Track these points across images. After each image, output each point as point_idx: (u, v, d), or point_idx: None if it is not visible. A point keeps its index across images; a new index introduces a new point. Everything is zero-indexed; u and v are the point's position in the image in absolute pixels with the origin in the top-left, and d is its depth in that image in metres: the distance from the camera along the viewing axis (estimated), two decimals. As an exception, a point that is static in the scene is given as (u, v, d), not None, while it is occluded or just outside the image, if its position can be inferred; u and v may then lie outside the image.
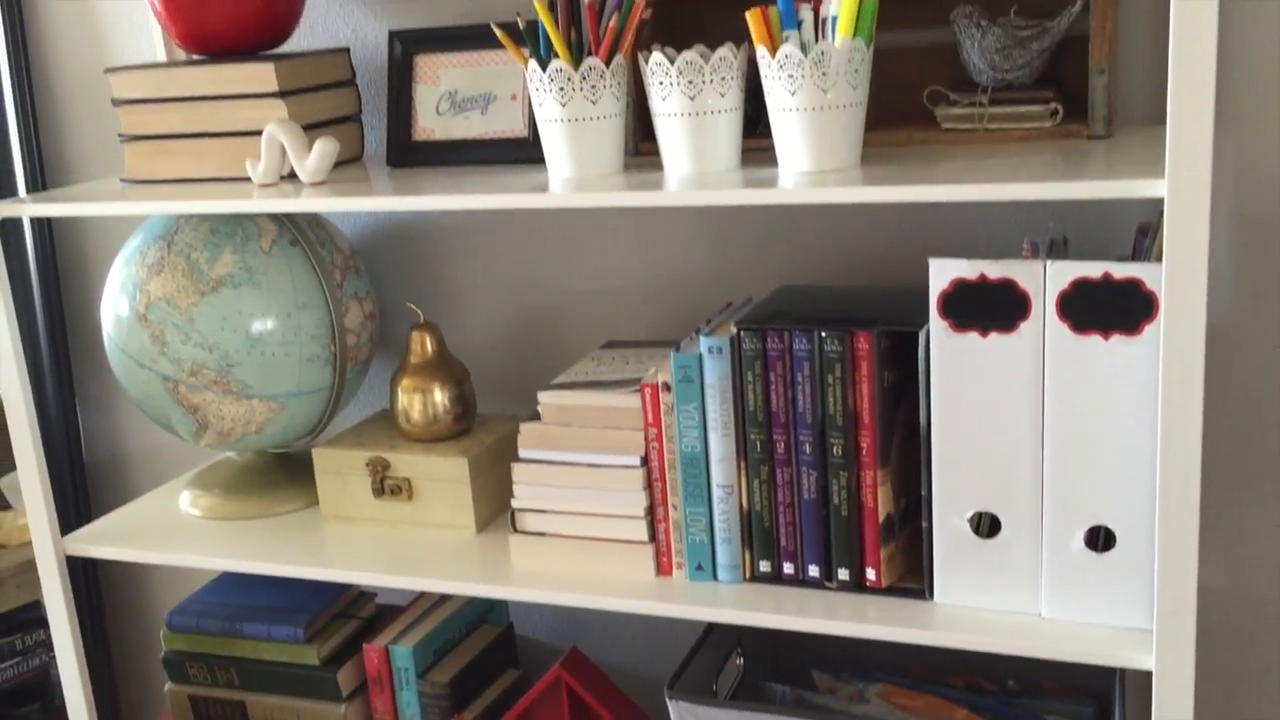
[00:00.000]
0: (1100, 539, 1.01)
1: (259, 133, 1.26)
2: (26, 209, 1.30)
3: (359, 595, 1.49)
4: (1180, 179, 0.87)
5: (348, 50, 1.40)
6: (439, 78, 1.32)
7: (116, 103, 1.34)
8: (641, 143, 1.24)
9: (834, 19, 1.04)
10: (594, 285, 1.43)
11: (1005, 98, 1.14)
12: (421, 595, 1.48)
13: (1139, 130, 1.14)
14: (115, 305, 1.35)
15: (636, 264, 1.40)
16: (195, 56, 1.36)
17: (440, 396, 1.35)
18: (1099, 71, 1.09)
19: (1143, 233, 1.11)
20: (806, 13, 1.05)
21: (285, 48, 1.40)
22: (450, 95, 1.31)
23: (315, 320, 1.34)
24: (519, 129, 1.28)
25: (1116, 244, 1.18)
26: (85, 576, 1.72)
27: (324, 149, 1.22)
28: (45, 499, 1.34)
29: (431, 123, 1.32)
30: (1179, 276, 0.89)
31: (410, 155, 1.32)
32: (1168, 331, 0.90)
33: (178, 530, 1.40)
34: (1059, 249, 1.11)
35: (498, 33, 1.16)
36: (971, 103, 1.15)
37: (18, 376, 1.31)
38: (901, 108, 1.22)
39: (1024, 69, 1.14)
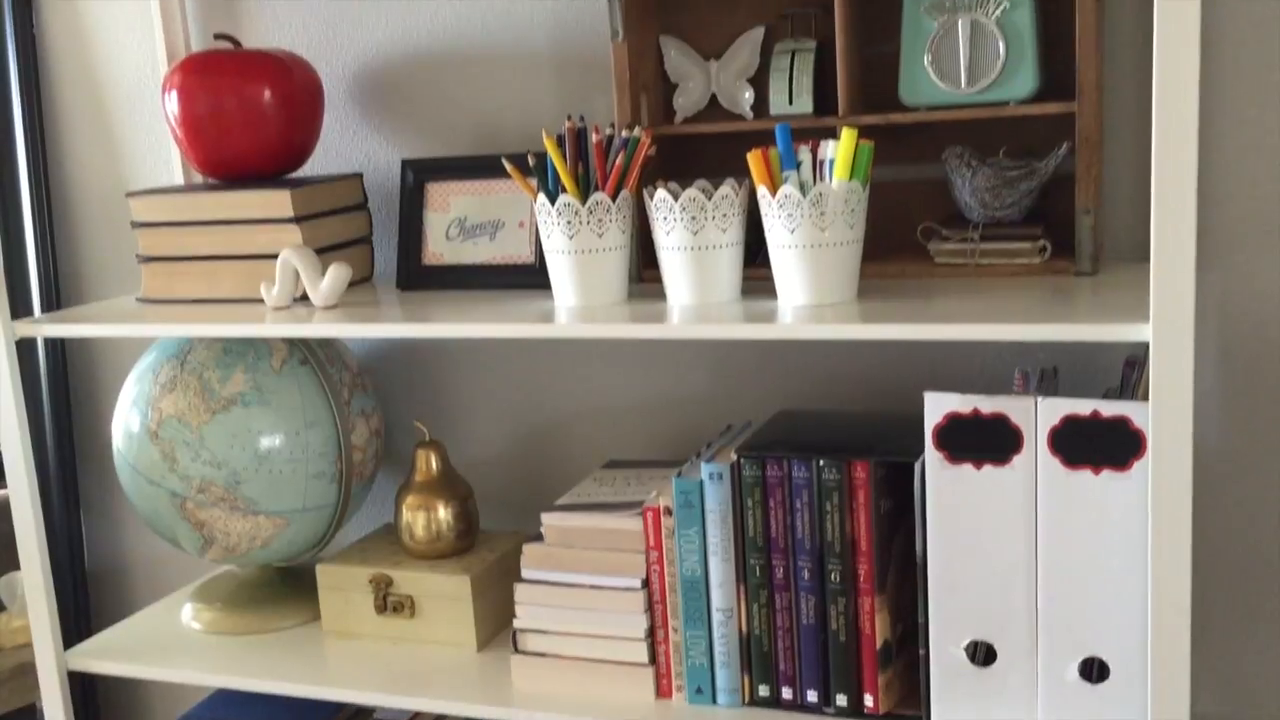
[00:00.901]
0: (1094, 670, 1.03)
1: (274, 256, 1.30)
2: (43, 329, 1.33)
3: (357, 711, 1.49)
4: (1164, 324, 0.91)
5: (361, 176, 1.45)
6: (449, 204, 1.36)
7: (136, 225, 1.38)
8: (645, 269, 1.28)
9: (831, 161, 1.09)
10: (597, 404, 1.46)
11: (996, 234, 1.19)
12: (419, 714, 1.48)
13: (1126, 266, 1.18)
14: (127, 420, 1.38)
15: (638, 385, 1.44)
16: (213, 181, 1.41)
17: (444, 514, 1.37)
18: (1085, 212, 1.13)
19: (1130, 366, 1.15)
20: (805, 154, 1.10)
21: (302, 171, 1.45)
22: (460, 222, 1.36)
23: (323, 438, 1.36)
24: (526, 255, 1.32)
25: (1106, 375, 1.21)
26: (84, 687, 1.72)
27: (337, 275, 1.26)
28: (50, 612, 1.35)
29: (441, 248, 1.36)
30: (1165, 416, 0.92)
31: (420, 279, 1.36)
32: (1156, 469, 0.93)
33: (179, 645, 1.41)
34: (1049, 380, 1.14)
35: (508, 166, 1.20)
36: (963, 239, 1.19)
37: (27, 488, 1.33)
38: (897, 238, 1.26)
39: (1013, 207, 1.18)
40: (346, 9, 1.47)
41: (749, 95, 1.30)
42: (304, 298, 1.30)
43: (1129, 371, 1.15)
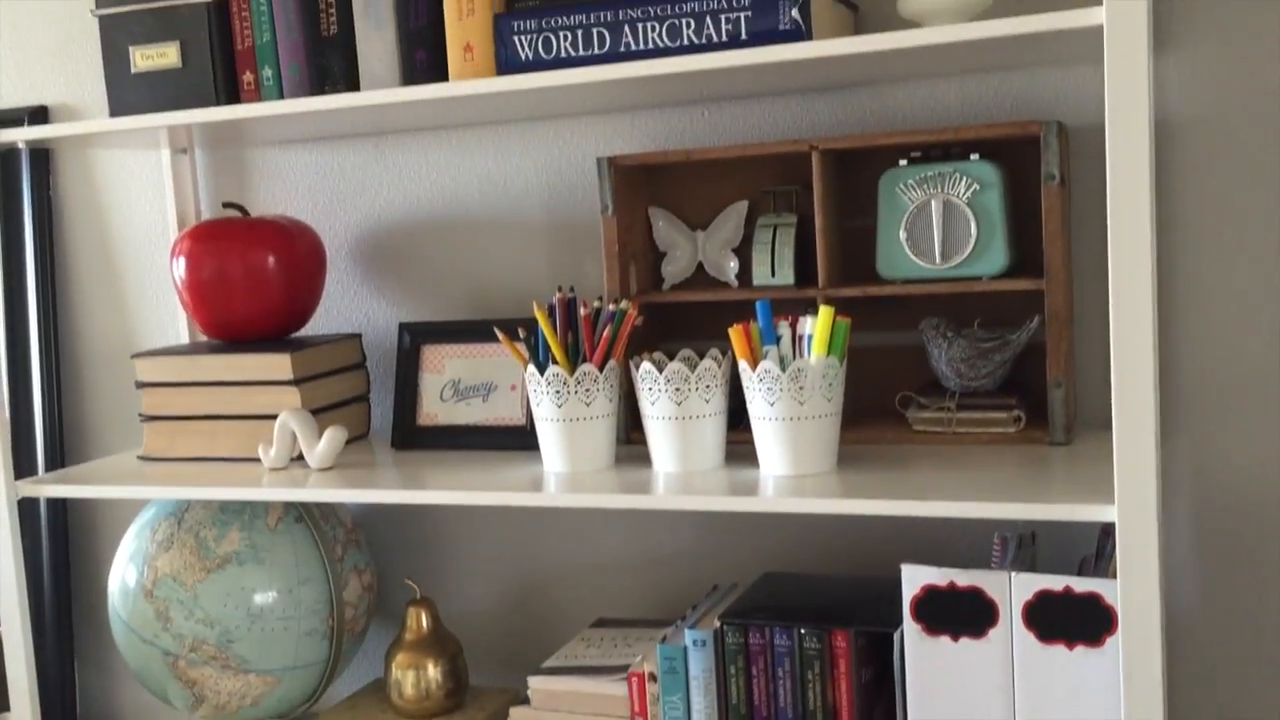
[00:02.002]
0: (1075, 845, 1.03)
1: (273, 417, 1.34)
2: (45, 489, 1.36)
3: None
4: (1129, 507, 0.94)
5: (359, 336, 1.49)
6: (444, 366, 1.41)
7: (140, 385, 1.42)
8: (632, 431, 1.31)
9: (810, 337, 1.13)
10: (585, 562, 1.48)
11: (971, 403, 1.23)
12: None
13: (1099, 434, 1.21)
14: (123, 575, 1.40)
15: (626, 544, 1.46)
16: (216, 342, 1.45)
17: (433, 672, 1.38)
18: (1056, 385, 1.17)
19: (1106, 534, 1.17)
20: (784, 328, 1.15)
21: (304, 329, 1.50)
22: (454, 384, 1.40)
23: (315, 595, 1.38)
24: (517, 417, 1.36)
25: (1084, 538, 1.24)
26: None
27: (333, 438, 1.30)
28: (38, 772, 1.36)
29: (435, 408, 1.40)
30: (1134, 596, 0.94)
31: (414, 438, 1.40)
32: (1126, 648, 0.95)
33: (166, 803, 1.41)
34: (1027, 546, 1.16)
35: (499, 335, 1.25)
36: (940, 407, 1.23)
37: (21, 639, 1.35)
38: (877, 402, 1.30)
39: (988, 377, 1.22)
40: (350, 177, 1.54)
41: (734, 264, 1.35)
42: (301, 457, 1.33)
43: (1104, 539, 1.17)
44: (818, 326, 1.12)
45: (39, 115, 1.67)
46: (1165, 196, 1.22)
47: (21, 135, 1.35)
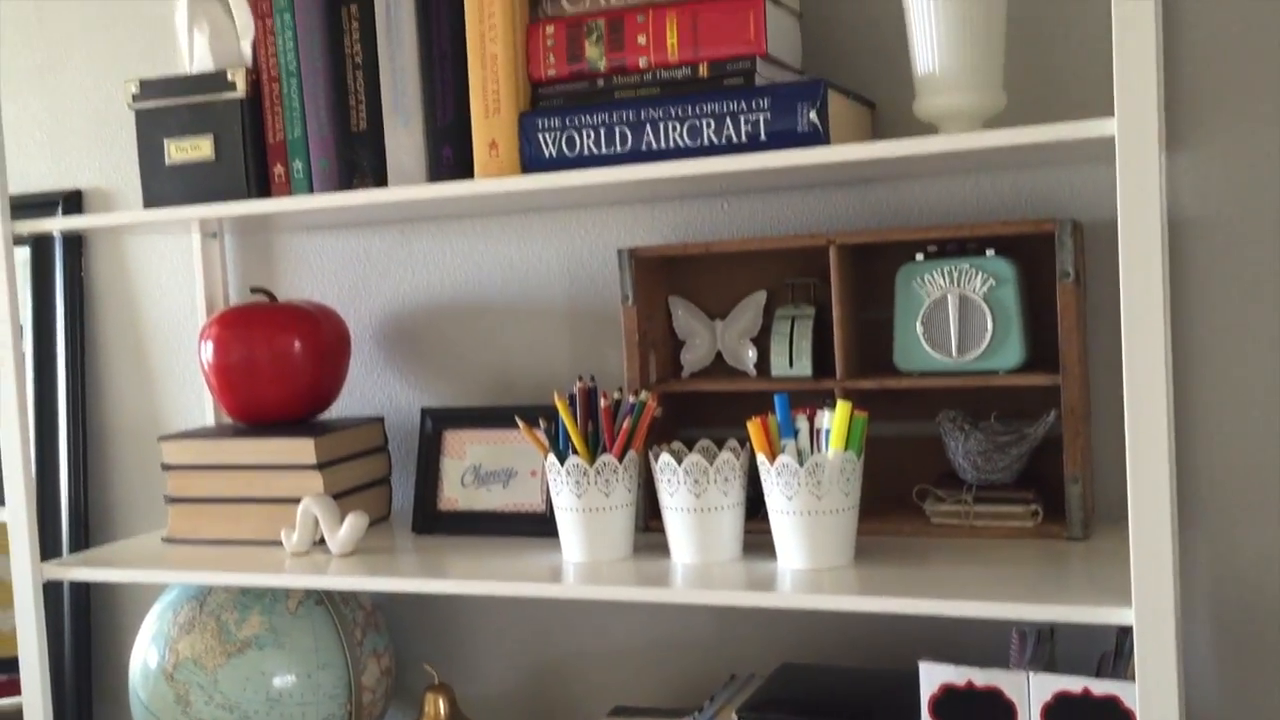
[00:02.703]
0: None
1: (296, 500, 1.36)
2: (70, 572, 1.38)
3: None
4: (1146, 610, 0.94)
5: (382, 420, 1.51)
6: (465, 451, 1.42)
7: (166, 467, 1.44)
8: (650, 519, 1.32)
9: (828, 431, 1.14)
10: (603, 649, 1.48)
11: (989, 496, 1.23)
12: None
13: (1117, 528, 1.21)
14: (145, 657, 1.41)
15: (644, 631, 1.46)
16: (241, 425, 1.48)
17: (450, 759, 1.38)
18: (1073, 480, 1.18)
19: (1125, 631, 1.17)
20: (802, 422, 1.16)
21: (327, 412, 1.52)
22: (475, 469, 1.41)
23: (334, 679, 1.39)
24: (537, 504, 1.37)
25: (1102, 635, 1.23)
26: None
27: (355, 524, 1.31)
28: None
29: (456, 493, 1.41)
30: (1153, 700, 0.94)
31: (435, 523, 1.41)
32: (1146, 752, 0.95)
33: None
34: (1046, 641, 1.16)
35: (520, 425, 1.26)
36: (958, 500, 1.23)
37: (42, 718, 1.36)
38: (895, 493, 1.30)
39: (1005, 470, 1.23)
40: (376, 262, 1.57)
41: (752, 354, 1.37)
42: (323, 541, 1.35)
43: (1123, 635, 1.17)
44: (835, 421, 1.13)
45: (73, 199, 1.71)
46: (1180, 292, 1.23)
47: (57, 225, 1.39)
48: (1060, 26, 1.25)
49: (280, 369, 1.43)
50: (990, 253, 1.22)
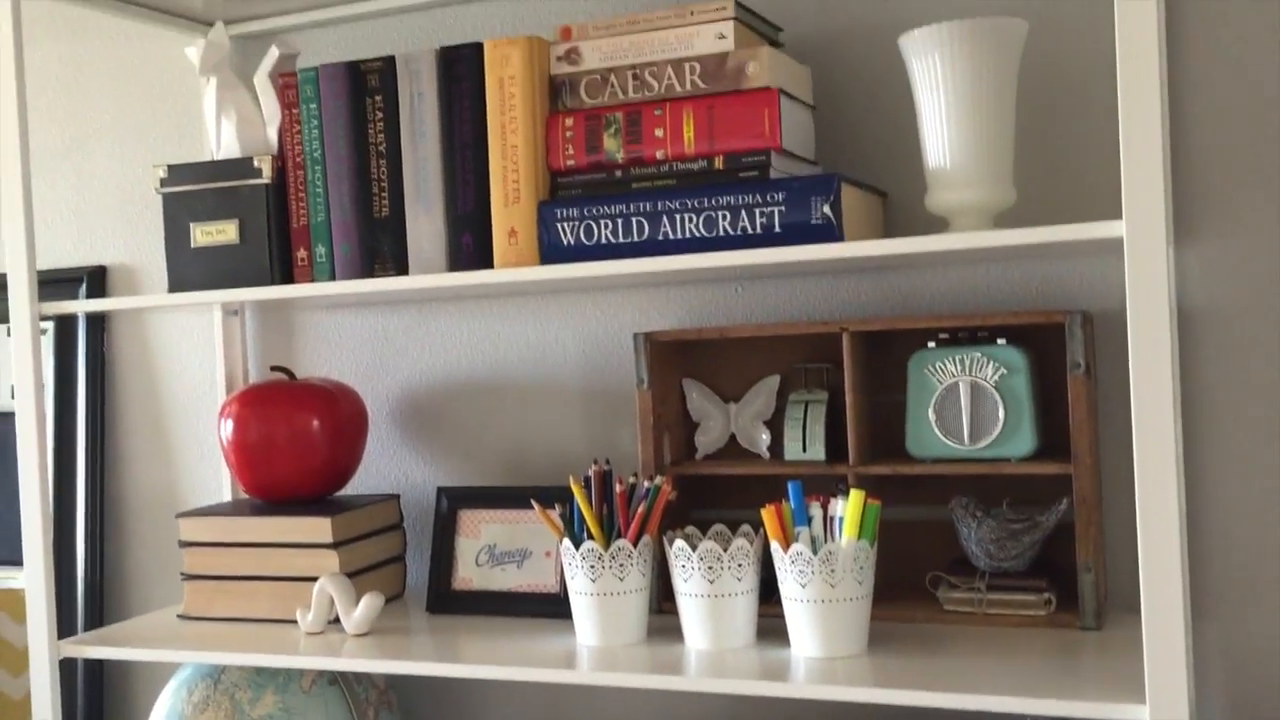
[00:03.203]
0: None
1: (312, 579, 1.37)
2: (87, 650, 1.38)
3: None
4: (1160, 708, 0.94)
5: (398, 497, 1.52)
6: (480, 531, 1.43)
7: (184, 544, 1.46)
8: (664, 601, 1.32)
9: (841, 519, 1.15)
10: (616, 729, 1.48)
11: (1002, 584, 1.23)
12: None
13: (1131, 617, 1.21)
14: (157, 735, 1.41)
15: (656, 715, 1.46)
16: (258, 503, 1.49)
17: (461, 841, 1.37)
18: (1086, 569, 1.18)
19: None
20: (816, 509, 1.17)
21: (344, 489, 1.53)
22: (489, 549, 1.42)
23: (346, 759, 1.39)
24: (551, 585, 1.38)
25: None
26: None
27: (370, 605, 1.32)
28: None
29: (471, 573, 1.42)
30: (1168, 798, 0.94)
31: (449, 603, 1.41)
32: None
33: None
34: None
35: (536, 508, 1.28)
36: (970, 588, 1.24)
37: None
38: (908, 578, 1.31)
39: (1018, 558, 1.23)
40: (394, 340, 1.59)
41: (765, 436, 1.38)
42: (337, 620, 1.35)
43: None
44: (849, 510, 1.14)
45: (97, 275, 1.74)
46: (1190, 382, 1.25)
47: (82, 307, 1.41)
48: (1069, 123, 1.28)
49: (298, 447, 1.44)
50: (1001, 341, 1.24)
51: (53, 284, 1.73)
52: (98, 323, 1.73)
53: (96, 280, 1.74)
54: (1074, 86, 1.27)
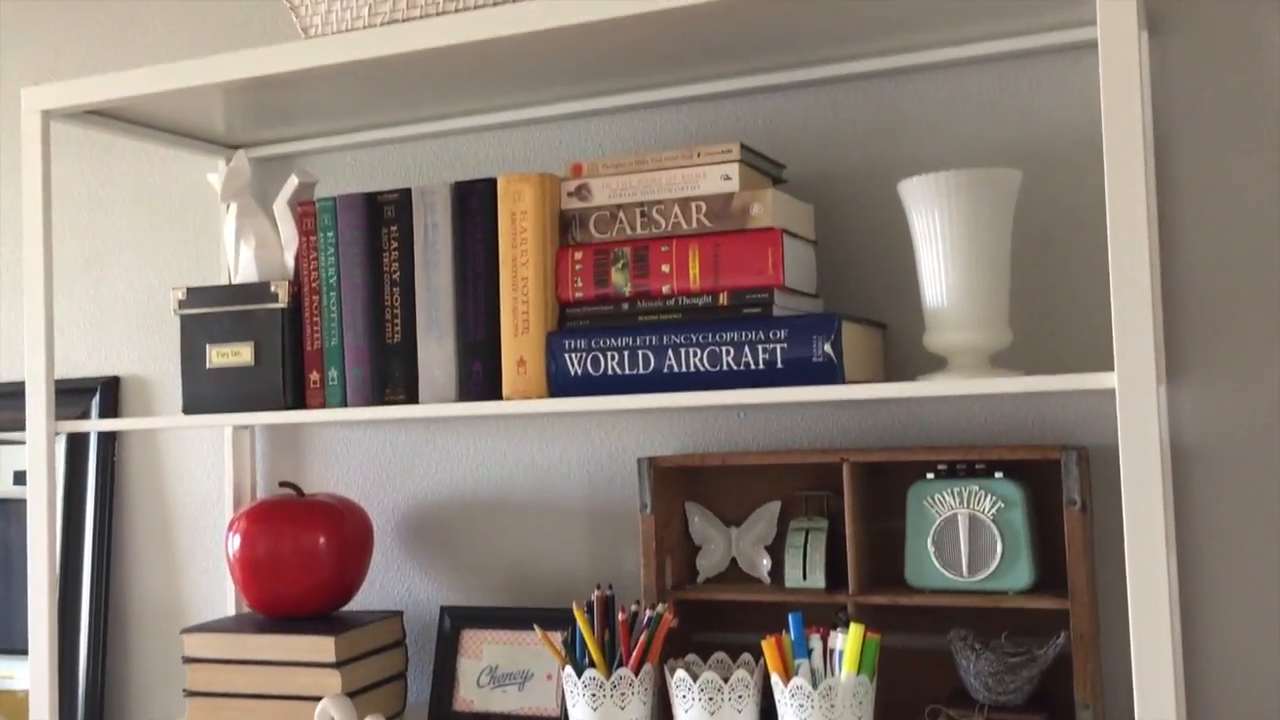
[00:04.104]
0: None
1: (314, 698, 1.37)
2: (89, 767, 1.39)
3: None
4: None
5: (401, 614, 1.54)
6: (482, 652, 1.44)
7: (187, 660, 1.46)
8: (665, 726, 1.33)
9: (840, 652, 1.16)
10: None
11: (1001, 718, 1.24)
12: None
13: (1128, 753, 1.22)
14: None
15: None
16: (262, 619, 1.50)
17: None
18: (1084, 706, 1.19)
19: None
20: (816, 641, 1.18)
21: (348, 604, 1.54)
22: (491, 670, 1.43)
23: None
24: (552, 708, 1.38)
25: None
26: None
27: (371, 728, 1.33)
28: None
29: (472, 694, 1.43)
30: None
31: (449, 724, 1.42)
32: None
33: None
34: None
35: (539, 634, 1.29)
36: (969, 722, 1.25)
37: None
38: (905, 706, 1.31)
39: (1016, 692, 1.24)
40: (401, 456, 1.62)
41: (766, 561, 1.40)
42: (338, 741, 1.36)
43: None
44: (849, 644, 1.15)
45: (111, 386, 1.77)
46: (1185, 518, 1.27)
47: (95, 426, 1.45)
48: (1063, 264, 1.32)
49: (304, 565, 1.46)
50: (999, 475, 1.26)
51: (67, 393, 1.76)
52: (109, 431, 1.76)
53: (110, 391, 1.77)
54: (1067, 230, 1.31)
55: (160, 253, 1.77)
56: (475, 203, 1.31)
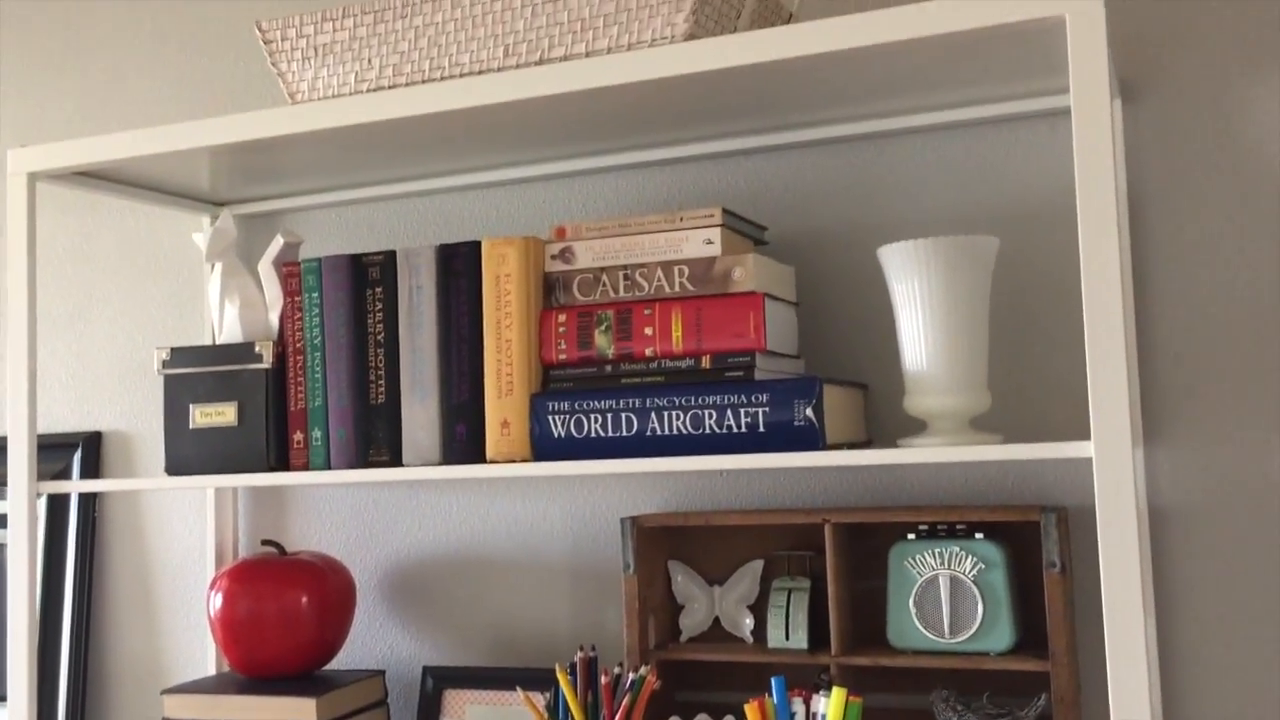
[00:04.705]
0: None
1: (293, 761, 1.36)
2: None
3: None
4: None
5: (383, 673, 1.53)
6: (464, 713, 1.44)
7: (166, 721, 1.46)
8: (648, 788, 1.33)
9: (823, 715, 1.16)
10: None
11: (984, 782, 1.24)
12: None
13: (1110, 815, 1.22)
14: None
15: None
16: (242, 679, 1.49)
17: None
18: (1066, 769, 1.20)
19: None
20: (798, 704, 1.18)
21: (330, 663, 1.54)
22: (473, 731, 1.42)
23: None
24: (535, 770, 1.38)
25: None
26: None
27: (353, 791, 1.32)
28: None
29: (454, 755, 1.42)
30: None
31: (431, 786, 1.41)
32: None
33: None
34: None
35: (521, 696, 1.29)
36: (953, 786, 1.25)
37: None
38: (891, 767, 1.32)
39: (999, 755, 1.25)
40: (383, 514, 1.62)
41: (749, 621, 1.40)
42: (318, 804, 1.35)
43: None
44: (831, 708, 1.16)
45: (93, 441, 1.76)
46: (1163, 580, 1.28)
47: (77, 488, 1.44)
48: (1040, 329, 1.33)
49: (286, 624, 1.45)
50: (979, 536, 1.27)
51: (49, 448, 1.75)
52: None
53: (92, 446, 1.76)
54: (1045, 293, 1.33)
55: (144, 308, 1.77)
56: (460, 265, 1.32)
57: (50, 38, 1.88)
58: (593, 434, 1.25)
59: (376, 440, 1.34)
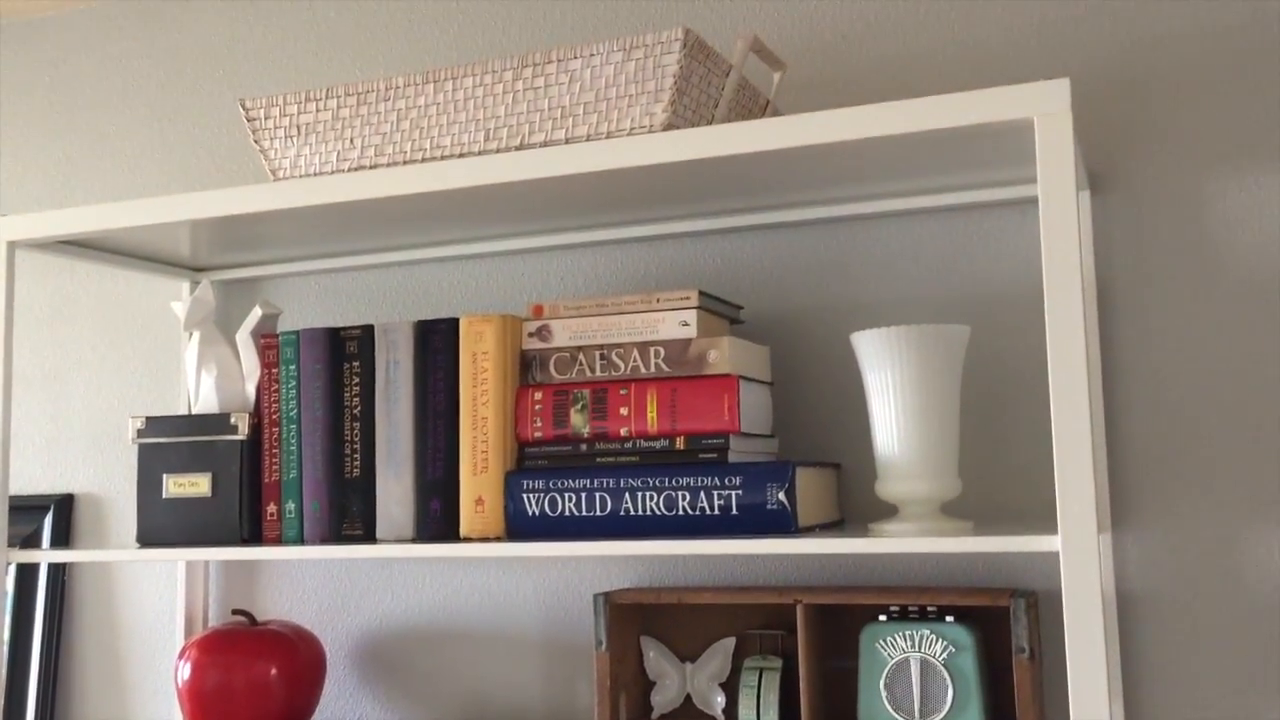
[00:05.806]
0: None
1: (259, 837, 1.35)
2: None
3: None
4: None
5: (352, 746, 1.52)
6: (433, 788, 1.43)
7: (130, 794, 1.44)
8: None
9: (792, 801, 1.16)
10: None
11: None
12: None
13: None
14: None
15: None
16: (211, 750, 1.48)
17: None
18: None
19: None
20: (768, 789, 1.18)
21: (295, 738, 1.53)
22: (442, 808, 1.41)
23: None
24: None
25: None
26: None
27: None
28: None
29: (421, 832, 1.41)
30: None
31: None
32: None
33: None
34: None
35: (491, 775, 1.28)
36: None
37: None
38: None
39: (967, 839, 1.25)
40: (356, 583, 1.61)
41: (721, 699, 1.40)
42: None
43: None
44: (800, 794, 1.16)
45: (65, 504, 1.75)
46: (1130, 664, 1.29)
47: (47, 558, 1.43)
48: (1010, 416, 1.35)
49: (255, 696, 1.44)
50: (950, 619, 1.28)
51: (20, 510, 1.74)
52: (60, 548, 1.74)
53: (64, 509, 1.75)
54: (1015, 379, 1.35)
55: (120, 372, 1.77)
56: (438, 341, 1.33)
57: (33, 103, 1.89)
58: (567, 512, 1.26)
59: (350, 514, 1.34)
